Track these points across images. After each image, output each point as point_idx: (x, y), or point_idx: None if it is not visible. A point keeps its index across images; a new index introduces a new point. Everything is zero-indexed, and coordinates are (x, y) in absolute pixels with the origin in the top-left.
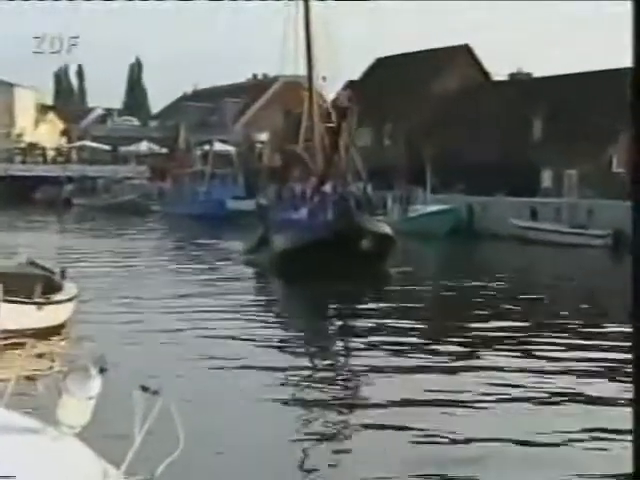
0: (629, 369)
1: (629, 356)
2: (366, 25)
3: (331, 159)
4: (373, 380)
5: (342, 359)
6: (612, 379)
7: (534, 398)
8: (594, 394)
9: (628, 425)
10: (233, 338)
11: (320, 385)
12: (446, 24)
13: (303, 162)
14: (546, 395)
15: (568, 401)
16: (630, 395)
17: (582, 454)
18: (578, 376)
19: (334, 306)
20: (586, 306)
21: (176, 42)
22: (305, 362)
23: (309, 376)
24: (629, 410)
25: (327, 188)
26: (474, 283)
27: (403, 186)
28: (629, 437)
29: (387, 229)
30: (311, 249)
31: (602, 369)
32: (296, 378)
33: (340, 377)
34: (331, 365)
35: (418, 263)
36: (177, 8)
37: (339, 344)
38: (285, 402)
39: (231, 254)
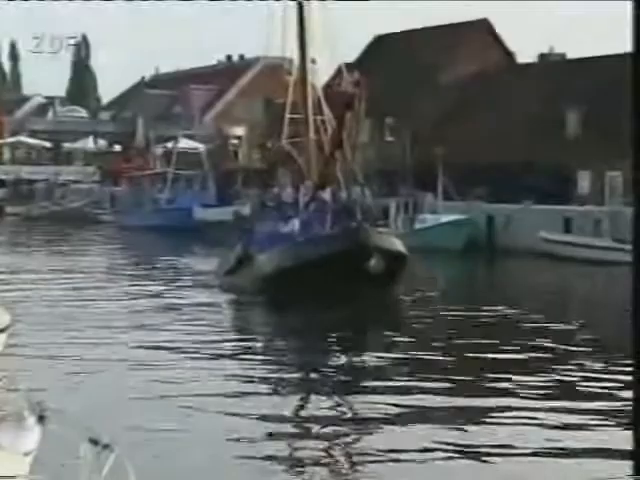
0: None
1: None
2: None
3: (332, 159)
4: None
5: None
6: None
7: None
8: None
9: None
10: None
11: None
12: None
13: (294, 163)
14: None
15: None
16: None
17: None
18: None
19: (333, 346)
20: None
21: (132, 16)
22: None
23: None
24: None
25: (326, 195)
26: (496, 311)
27: (409, 191)
28: None
29: (399, 246)
30: (306, 271)
31: None
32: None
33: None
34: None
35: (428, 287)
36: None
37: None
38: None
39: (201, 276)
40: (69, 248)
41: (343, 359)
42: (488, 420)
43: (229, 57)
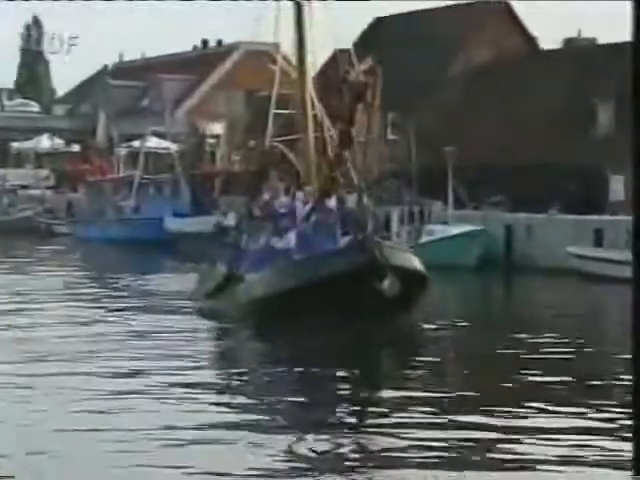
0: None
1: None
2: None
3: (340, 161)
4: None
5: None
6: None
7: None
8: None
9: None
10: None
11: None
12: None
13: (290, 166)
14: None
15: None
16: None
17: None
18: None
19: (338, 385)
20: None
21: None
22: None
23: None
24: None
25: (331, 203)
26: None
27: (414, 198)
28: None
29: (417, 263)
30: (305, 295)
31: None
32: None
33: None
34: None
35: (441, 311)
36: None
37: None
38: None
39: (175, 299)
40: (12, 264)
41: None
42: None
43: (205, 42)
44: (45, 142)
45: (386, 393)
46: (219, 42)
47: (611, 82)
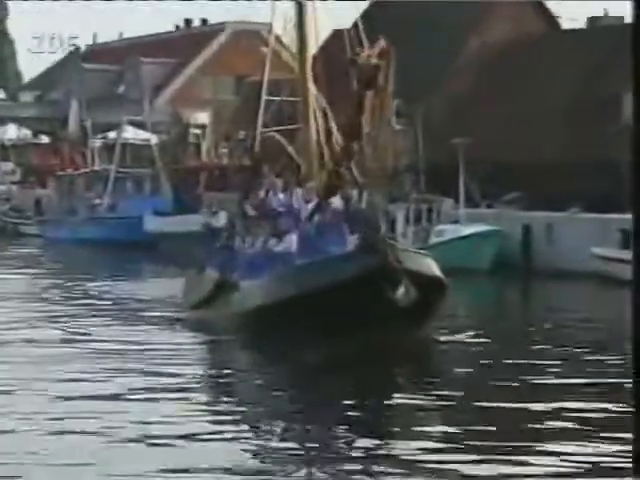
0: None
1: None
2: None
3: (348, 154)
4: None
5: None
6: None
7: None
8: None
9: None
10: None
11: None
12: None
13: (290, 159)
14: None
15: None
16: None
17: None
18: None
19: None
20: None
21: None
22: None
23: None
24: None
25: (337, 201)
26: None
27: (422, 195)
28: None
29: (435, 269)
30: (308, 305)
31: None
32: None
33: None
34: None
35: (454, 322)
36: None
37: None
38: None
39: (156, 308)
40: None
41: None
42: None
43: (188, 22)
44: (11, 132)
45: (396, 444)
46: (204, 21)
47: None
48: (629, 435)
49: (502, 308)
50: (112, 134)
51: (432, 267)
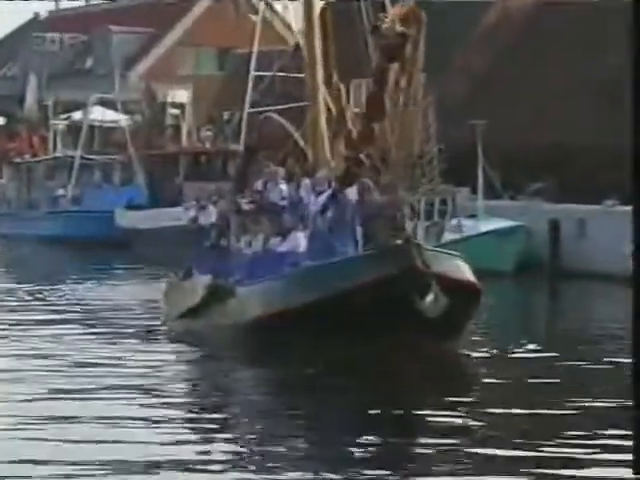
0: None
1: None
2: None
3: (367, 138)
4: None
5: None
6: None
7: None
8: None
9: None
10: None
11: None
12: None
13: (294, 145)
14: None
15: None
16: None
17: None
18: None
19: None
20: None
21: None
22: None
23: None
24: None
25: (352, 193)
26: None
27: (434, 185)
28: None
29: (467, 272)
30: (320, 315)
31: None
32: None
33: None
34: None
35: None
36: None
37: None
38: None
39: (132, 317)
40: None
41: None
42: None
43: None
44: None
45: None
46: None
47: None
48: None
49: (529, 317)
50: (77, 115)
51: (464, 270)
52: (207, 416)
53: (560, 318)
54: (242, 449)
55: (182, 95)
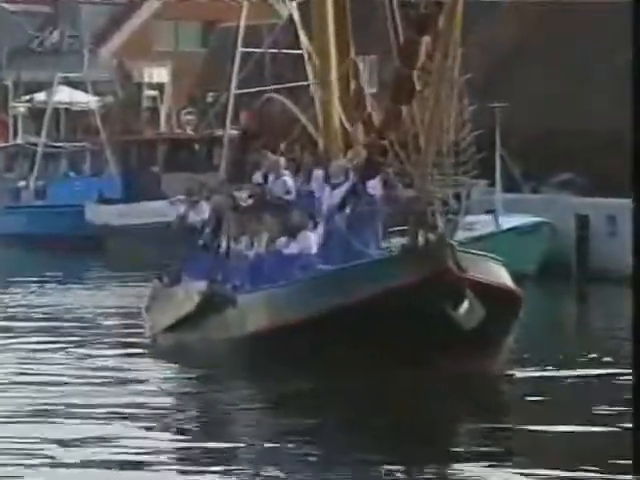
0: None
1: None
2: None
3: (393, 122)
4: None
5: None
6: None
7: None
8: None
9: None
10: None
11: None
12: None
13: (303, 130)
14: None
15: None
16: None
17: None
18: None
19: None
20: None
21: None
22: None
23: None
24: None
25: (374, 186)
26: None
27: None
28: None
29: (506, 277)
30: (338, 328)
31: None
32: None
33: None
34: None
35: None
36: None
37: None
38: None
39: (106, 328)
40: None
41: None
42: None
43: None
44: None
45: None
46: None
47: None
48: None
49: (557, 325)
50: (40, 96)
51: (503, 276)
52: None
53: (590, 327)
54: None
55: (160, 74)
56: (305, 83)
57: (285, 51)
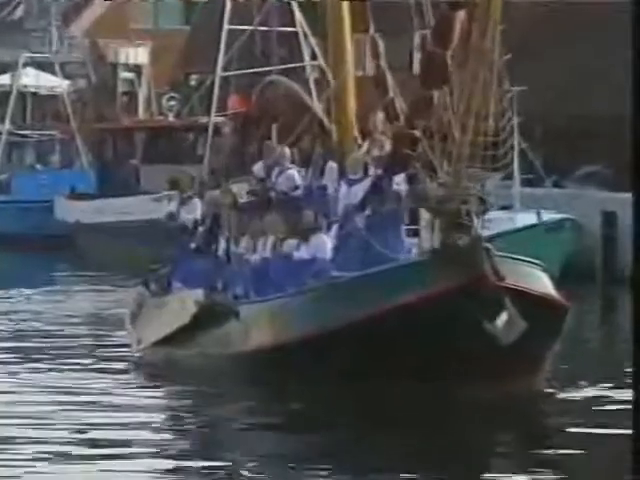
0: None
1: None
2: None
3: (423, 109)
4: None
5: None
6: None
7: None
8: None
9: None
10: None
11: None
12: None
13: (314, 117)
14: None
15: None
16: None
17: None
18: None
19: None
20: None
21: None
22: None
23: None
24: None
25: (400, 182)
26: None
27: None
28: None
29: (549, 286)
30: (358, 343)
31: None
32: None
33: None
34: None
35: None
36: None
37: None
38: None
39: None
40: None
41: None
42: None
43: None
44: None
45: None
46: None
47: None
48: None
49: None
50: (4, 79)
51: (545, 284)
52: None
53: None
54: None
55: (138, 55)
56: (308, 64)
57: (278, 29)
